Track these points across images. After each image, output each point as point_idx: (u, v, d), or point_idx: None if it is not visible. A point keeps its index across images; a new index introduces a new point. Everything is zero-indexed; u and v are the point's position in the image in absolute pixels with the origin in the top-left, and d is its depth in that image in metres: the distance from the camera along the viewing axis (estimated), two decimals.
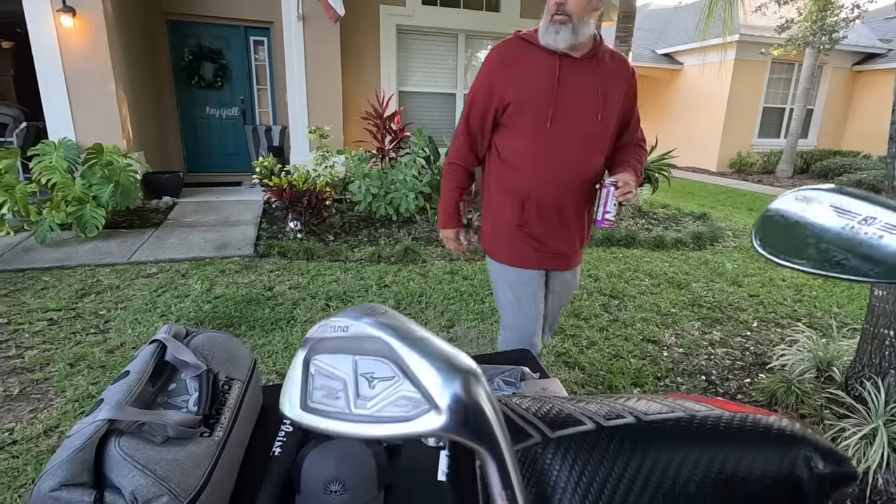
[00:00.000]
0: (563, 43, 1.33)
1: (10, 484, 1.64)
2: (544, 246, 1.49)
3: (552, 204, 1.45)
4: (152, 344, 0.99)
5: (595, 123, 1.40)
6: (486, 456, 0.38)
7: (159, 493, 0.74)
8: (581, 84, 1.38)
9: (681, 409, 0.59)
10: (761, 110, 11.56)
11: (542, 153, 1.41)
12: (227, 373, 1.03)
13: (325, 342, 0.42)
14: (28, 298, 3.01)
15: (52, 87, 4.57)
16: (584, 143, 1.41)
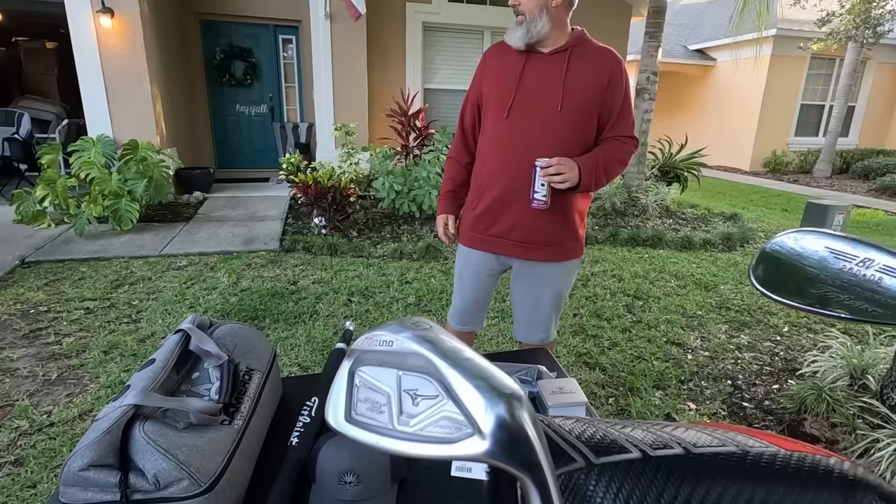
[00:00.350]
0: (516, 41, 1.41)
1: (47, 464, 1.72)
2: (493, 230, 1.54)
3: (507, 192, 1.48)
4: (177, 333, 1.02)
5: (555, 114, 1.41)
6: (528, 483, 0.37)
7: (180, 477, 0.77)
8: (544, 77, 1.41)
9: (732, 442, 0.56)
10: (799, 107, 11.15)
11: (499, 143, 1.48)
12: (248, 363, 1.06)
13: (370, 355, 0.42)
14: (66, 288, 3.14)
15: (91, 86, 4.76)
16: (541, 134, 1.42)
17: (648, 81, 5.44)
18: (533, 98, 1.42)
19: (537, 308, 1.63)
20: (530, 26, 1.39)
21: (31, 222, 4.24)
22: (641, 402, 2.11)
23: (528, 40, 1.40)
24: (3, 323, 2.69)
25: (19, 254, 3.65)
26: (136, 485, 0.76)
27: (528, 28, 1.39)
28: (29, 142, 5.62)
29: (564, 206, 1.49)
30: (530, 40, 1.40)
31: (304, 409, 1.09)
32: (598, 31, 6.47)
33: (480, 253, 1.58)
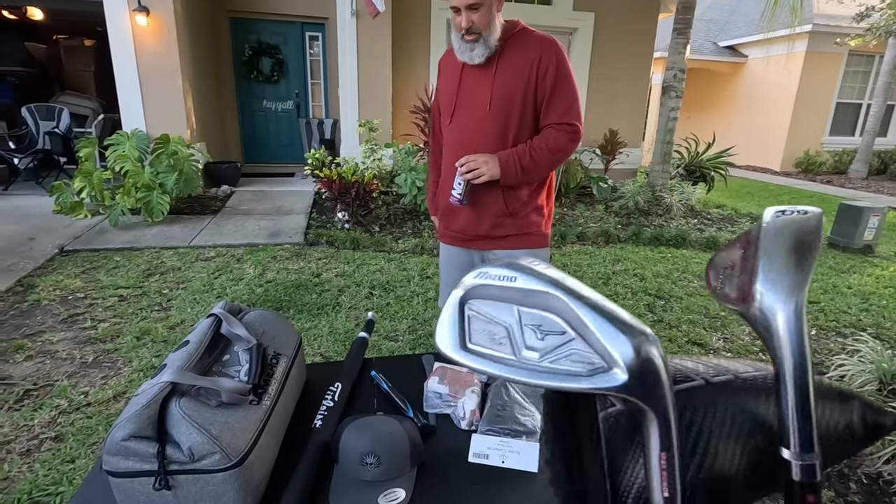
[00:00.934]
0: (479, 59, 1.40)
1: (85, 441, 1.81)
2: (453, 226, 1.61)
3: (446, 190, 1.55)
4: (209, 318, 1.07)
5: (485, 115, 1.44)
6: (651, 417, 0.39)
7: (212, 451, 0.81)
8: (478, 78, 1.44)
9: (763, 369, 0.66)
10: (834, 106, 10.77)
11: (447, 147, 1.55)
12: (276, 348, 1.10)
13: (485, 289, 0.42)
14: (102, 276, 3.28)
15: (126, 82, 4.93)
16: (474, 134, 1.47)
17: (675, 79, 5.35)
18: (468, 101, 1.46)
19: None
20: (488, 40, 1.38)
21: (69, 213, 4.42)
22: None
23: (490, 53, 1.39)
24: (43, 308, 2.83)
25: (59, 242, 3.82)
26: (173, 456, 0.81)
27: (487, 42, 1.38)
28: (68, 136, 5.85)
29: (498, 198, 1.52)
30: (491, 53, 1.39)
31: (327, 394, 1.13)
32: (625, 28, 6.35)
33: (453, 248, 1.66)
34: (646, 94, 7.63)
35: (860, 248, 4.65)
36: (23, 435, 1.84)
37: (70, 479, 1.63)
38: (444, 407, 1.12)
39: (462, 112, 1.48)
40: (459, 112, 1.48)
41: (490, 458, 0.98)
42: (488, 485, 0.92)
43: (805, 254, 0.53)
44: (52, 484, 1.61)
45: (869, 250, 4.65)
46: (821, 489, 0.27)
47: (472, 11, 1.33)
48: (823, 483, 1.68)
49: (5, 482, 1.62)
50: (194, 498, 0.83)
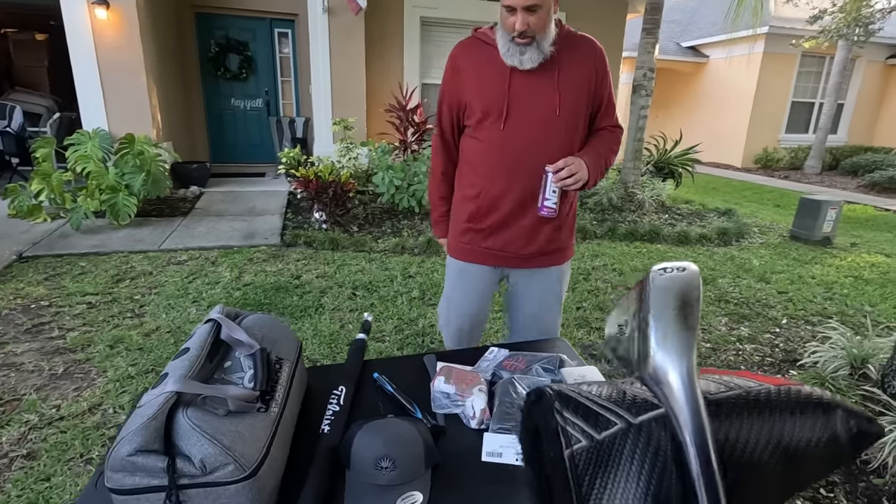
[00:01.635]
0: (531, 63, 1.28)
1: (60, 457, 1.71)
2: (490, 242, 1.45)
3: (505, 203, 1.39)
4: (208, 323, 1.03)
5: (553, 120, 1.33)
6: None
7: (226, 462, 0.78)
8: (536, 82, 1.31)
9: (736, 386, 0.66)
10: (790, 105, 11.28)
11: (496, 154, 1.37)
12: (277, 353, 1.07)
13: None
14: (67, 283, 3.11)
15: (86, 78, 4.69)
16: (539, 141, 1.34)
17: (645, 78, 5.48)
18: (528, 104, 1.32)
19: (543, 314, 1.55)
20: (543, 44, 1.27)
21: (26, 217, 4.18)
22: None
23: (542, 59, 1.28)
24: (4, 318, 2.67)
25: (16, 248, 3.60)
26: (183, 469, 0.77)
27: (541, 45, 1.27)
28: (21, 135, 5.53)
29: (567, 208, 1.45)
30: (545, 58, 1.28)
31: (332, 398, 1.10)
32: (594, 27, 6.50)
33: (477, 266, 1.50)
34: (616, 94, 7.79)
35: (819, 240, 4.88)
36: None
37: (46, 498, 1.54)
38: (452, 407, 1.10)
39: (521, 117, 1.32)
40: (517, 116, 1.32)
41: (504, 455, 0.98)
42: (503, 483, 0.91)
43: (689, 312, 0.57)
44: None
45: (828, 242, 4.89)
46: None
47: (530, 13, 1.21)
48: None
49: None
50: None
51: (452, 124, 1.46)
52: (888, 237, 5.37)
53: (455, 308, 1.57)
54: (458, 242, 1.51)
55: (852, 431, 0.61)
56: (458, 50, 1.42)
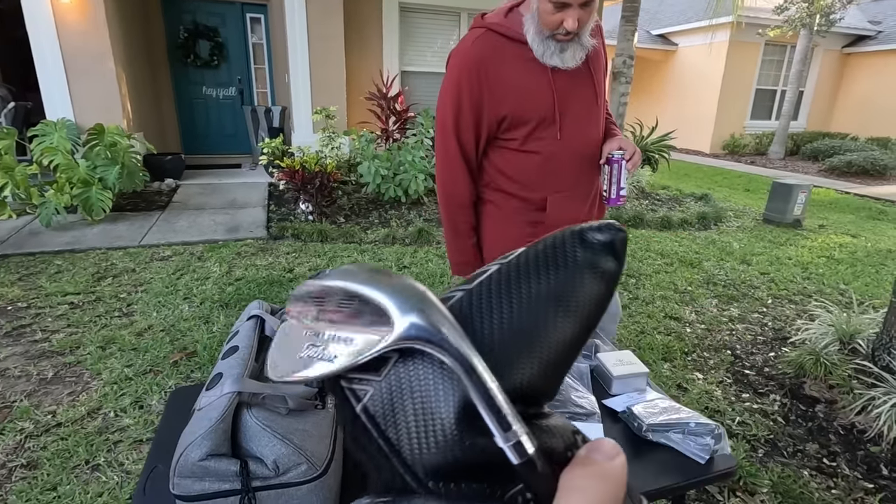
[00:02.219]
0: (575, 61, 1.15)
1: (64, 465, 1.63)
2: None
3: (577, 211, 1.28)
4: (251, 320, 0.99)
5: (596, 110, 1.25)
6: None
7: (298, 462, 0.76)
8: (574, 76, 1.20)
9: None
10: (754, 92, 11.65)
11: (550, 163, 1.23)
12: None
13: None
14: (44, 282, 2.95)
15: (48, 65, 4.42)
16: (591, 136, 1.25)
17: (625, 65, 5.55)
18: (573, 100, 1.20)
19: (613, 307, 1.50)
20: (583, 39, 1.15)
21: None
22: (653, 375, 2.20)
23: (584, 56, 1.18)
24: None
25: None
26: (256, 471, 0.74)
27: (582, 39, 1.15)
28: None
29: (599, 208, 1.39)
30: (589, 52, 1.19)
31: None
32: None
33: None
34: None
35: (791, 223, 5.09)
36: None
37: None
38: None
39: (572, 117, 1.21)
40: (569, 118, 1.20)
41: None
42: None
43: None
44: None
45: (798, 224, 5.10)
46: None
47: (584, 9, 1.09)
48: (807, 436, 1.84)
49: None
50: None
51: (480, 142, 1.24)
52: (851, 218, 5.65)
53: None
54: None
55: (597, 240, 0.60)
56: (476, 50, 1.17)
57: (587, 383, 1.16)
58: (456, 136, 1.23)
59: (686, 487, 0.94)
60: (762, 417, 1.94)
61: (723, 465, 0.96)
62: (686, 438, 0.98)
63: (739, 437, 1.82)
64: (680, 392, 2.10)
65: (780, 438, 1.83)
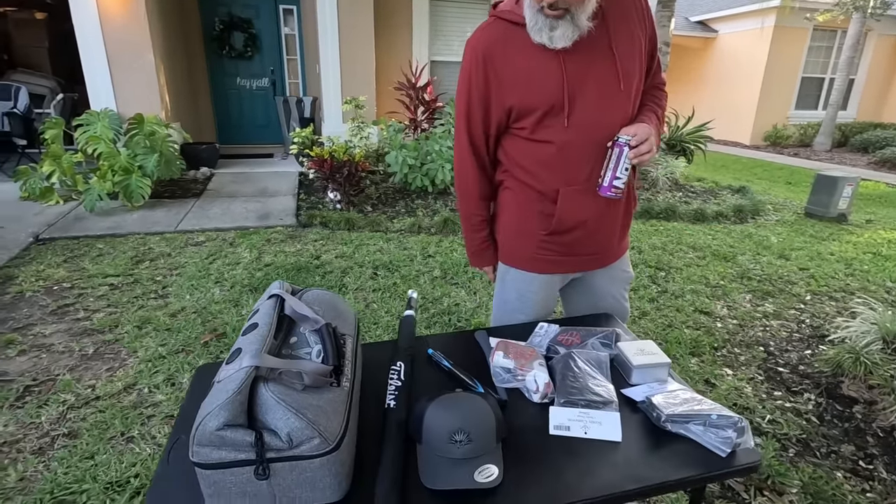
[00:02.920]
0: (563, 42, 1.06)
1: (101, 436, 1.72)
2: (574, 251, 1.28)
3: (584, 206, 1.21)
4: (271, 298, 1.02)
5: (618, 95, 1.13)
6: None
7: (311, 436, 0.77)
8: (592, 58, 1.10)
9: None
10: (800, 80, 11.10)
11: (562, 154, 1.16)
12: (339, 328, 1.06)
13: None
14: (87, 264, 3.10)
15: (93, 58, 4.60)
16: (609, 124, 1.14)
17: (661, 52, 5.37)
18: (589, 85, 1.11)
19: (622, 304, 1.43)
20: (579, 16, 1.04)
21: (39, 199, 4.15)
22: (679, 369, 2.15)
23: (579, 35, 1.06)
24: (28, 300, 2.66)
25: (32, 231, 3.58)
26: (270, 443, 0.76)
27: (576, 18, 1.04)
28: (28, 117, 5.45)
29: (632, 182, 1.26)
30: (582, 34, 1.07)
31: (391, 374, 1.09)
32: None
33: (545, 276, 1.32)
34: None
35: (835, 217, 4.84)
36: (31, 433, 1.73)
37: (93, 476, 1.55)
38: (513, 381, 1.10)
39: (585, 104, 1.11)
40: (581, 104, 1.11)
41: (572, 429, 0.97)
42: (573, 456, 0.91)
43: None
44: (73, 482, 1.52)
45: (843, 218, 4.85)
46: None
47: None
48: (842, 437, 1.76)
49: (22, 482, 1.53)
50: (290, 486, 0.79)
51: (490, 135, 1.21)
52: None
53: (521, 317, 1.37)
54: (531, 253, 1.29)
55: None
56: (484, 41, 1.14)
57: (606, 372, 1.14)
58: (467, 129, 1.22)
59: (705, 480, 0.92)
60: (794, 416, 1.87)
61: (746, 460, 0.93)
62: (707, 431, 0.95)
63: (769, 435, 1.76)
64: (707, 387, 2.04)
65: (813, 438, 1.76)
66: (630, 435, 0.97)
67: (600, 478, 0.87)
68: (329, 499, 0.82)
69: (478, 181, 1.27)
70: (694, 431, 0.96)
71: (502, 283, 1.39)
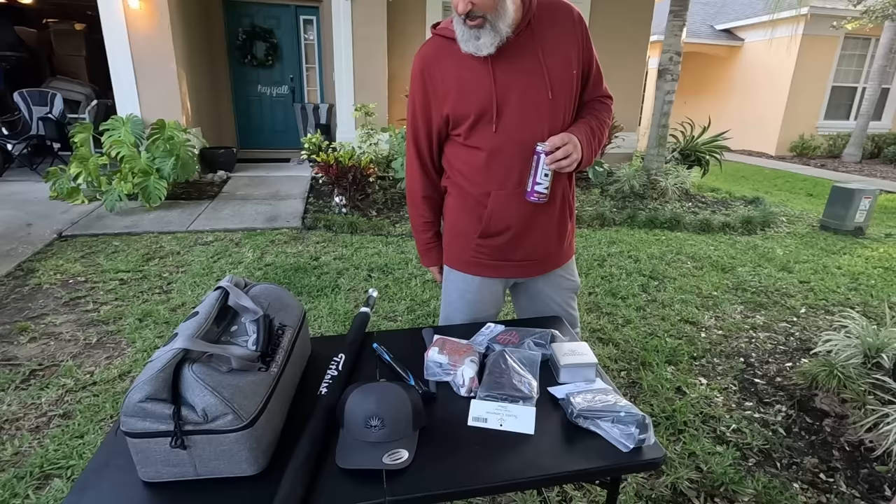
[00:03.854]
0: (488, 49, 1.12)
1: (93, 417, 1.86)
2: (505, 256, 1.34)
3: (517, 208, 1.26)
4: (217, 290, 1.11)
5: (546, 105, 1.19)
6: None
7: (225, 412, 0.86)
8: (521, 64, 1.17)
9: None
10: (829, 90, 10.78)
11: (496, 157, 1.23)
12: (281, 320, 1.14)
13: None
14: (101, 260, 3.30)
15: (120, 66, 4.88)
16: (536, 132, 1.19)
17: (671, 62, 5.34)
18: (518, 93, 1.17)
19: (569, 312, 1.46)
20: (498, 24, 1.10)
21: (66, 198, 4.42)
22: (653, 376, 2.16)
23: (500, 43, 1.12)
24: (45, 291, 2.86)
25: (57, 228, 3.82)
26: (188, 417, 0.85)
27: (495, 27, 1.10)
28: (62, 121, 5.80)
29: (566, 191, 1.33)
30: (503, 41, 1.12)
31: (331, 364, 1.17)
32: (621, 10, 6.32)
33: (489, 279, 1.38)
34: (642, 79, 7.62)
35: (851, 230, 4.71)
36: (31, 413, 1.88)
37: (80, 453, 1.68)
38: (443, 375, 1.16)
39: (513, 111, 1.18)
40: (509, 112, 1.18)
41: (489, 421, 1.03)
42: (487, 446, 0.97)
43: None
44: (62, 458, 1.65)
45: (860, 232, 4.71)
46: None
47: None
48: (807, 450, 1.75)
49: (17, 457, 1.67)
50: (208, 457, 0.87)
51: (433, 141, 1.30)
52: None
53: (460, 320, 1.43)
54: (468, 256, 1.36)
55: None
56: (422, 56, 1.23)
57: (535, 370, 1.19)
58: (413, 135, 1.31)
59: (605, 473, 0.96)
60: (761, 427, 1.86)
61: (649, 455, 0.97)
62: (614, 426, 1.00)
63: (731, 444, 1.77)
64: (677, 395, 2.05)
65: (776, 449, 1.76)
66: (544, 429, 1.02)
67: (504, 465, 0.93)
68: (246, 471, 0.90)
69: (421, 182, 1.35)
70: (602, 427, 1.01)
71: (445, 282, 1.46)
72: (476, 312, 1.42)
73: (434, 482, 0.88)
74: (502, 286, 1.43)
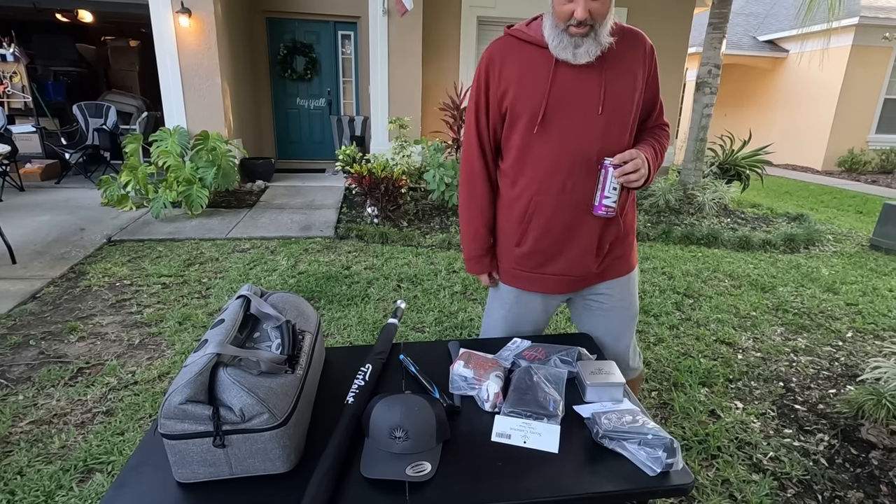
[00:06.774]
0: (588, 57, 1.14)
1: (133, 416, 1.94)
2: (541, 267, 1.32)
3: (562, 216, 1.26)
4: (239, 299, 1.16)
5: (595, 119, 1.19)
6: None
7: (261, 411, 0.89)
8: (580, 76, 1.18)
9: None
10: (882, 102, 10.28)
11: (533, 161, 1.23)
12: (300, 325, 1.18)
13: None
14: (146, 265, 3.46)
15: (169, 81, 5.15)
16: (581, 143, 1.20)
17: (710, 75, 5.23)
18: (570, 103, 1.19)
19: (619, 337, 1.43)
20: (601, 33, 1.14)
21: (116, 205, 4.67)
22: (685, 398, 2.10)
23: (599, 52, 1.16)
24: (94, 293, 3.02)
25: (106, 233, 4.04)
26: (226, 417, 0.89)
27: (599, 36, 1.13)
28: (114, 132, 6.15)
29: (626, 207, 1.32)
30: (603, 50, 1.16)
31: (358, 374, 1.20)
32: (658, 23, 6.25)
33: (522, 293, 1.37)
34: (679, 91, 7.48)
35: None
36: (77, 408, 1.98)
37: (120, 449, 1.76)
38: (468, 389, 1.17)
39: (562, 117, 1.20)
40: (555, 117, 1.20)
41: (512, 437, 1.03)
42: (509, 462, 0.97)
43: None
44: (104, 453, 1.74)
45: None
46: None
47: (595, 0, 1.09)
48: (851, 483, 1.66)
49: (63, 450, 1.76)
50: (244, 455, 0.91)
51: (495, 136, 1.29)
52: None
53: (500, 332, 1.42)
54: (512, 268, 1.35)
55: None
56: (494, 49, 1.26)
57: (561, 388, 1.18)
58: (477, 131, 1.30)
59: (628, 496, 0.94)
60: (801, 456, 1.78)
61: (677, 481, 0.95)
62: (641, 449, 0.98)
63: (768, 472, 1.69)
64: (711, 418, 1.98)
65: (817, 481, 1.67)
66: (568, 448, 1.01)
67: (526, 484, 0.93)
68: (278, 469, 0.93)
69: (484, 185, 1.32)
70: (628, 449, 0.99)
71: (490, 292, 1.48)
72: (511, 327, 1.42)
73: (456, 496, 0.88)
74: (541, 304, 1.40)
